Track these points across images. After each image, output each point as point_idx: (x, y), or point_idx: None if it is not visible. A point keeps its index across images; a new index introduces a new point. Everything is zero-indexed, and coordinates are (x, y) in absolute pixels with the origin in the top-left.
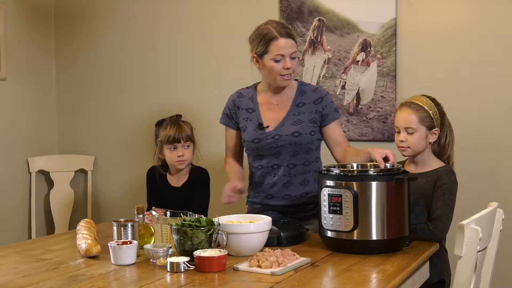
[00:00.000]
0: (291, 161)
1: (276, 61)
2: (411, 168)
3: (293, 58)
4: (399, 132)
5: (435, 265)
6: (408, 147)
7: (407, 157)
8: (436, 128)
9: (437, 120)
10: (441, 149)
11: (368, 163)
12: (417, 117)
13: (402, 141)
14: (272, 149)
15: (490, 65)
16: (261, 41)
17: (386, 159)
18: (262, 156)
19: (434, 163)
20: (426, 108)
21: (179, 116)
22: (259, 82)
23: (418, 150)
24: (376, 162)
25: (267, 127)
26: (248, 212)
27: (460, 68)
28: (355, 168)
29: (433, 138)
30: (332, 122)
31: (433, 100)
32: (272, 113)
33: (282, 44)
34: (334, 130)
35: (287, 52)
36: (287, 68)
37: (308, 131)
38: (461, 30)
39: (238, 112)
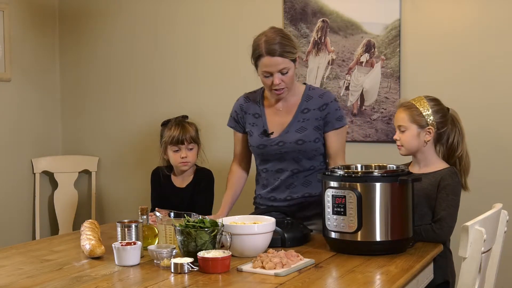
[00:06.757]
0: (295, 166)
1: (265, 76)
2: (415, 169)
3: (284, 74)
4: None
5: (440, 267)
6: (402, 145)
7: (404, 156)
8: (429, 127)
9: (430, 119)
10: (449, 150)
11: (373, 164)
12: (407, 115)
13: (396, 140)
14: (276, 155)
15: (494, 66)
16: (253, 54)
17: None
18: (267, 160)
19: (438, 164)
20: (417, 106)
21: (184, 117)
22: None
23: (411, 148)
24: None
25: (272, 133)
26: (254, 212)
27: (464, 69)
28: (359, 169)
29: (427, 137)
30: (330, 131)
31: (434, 99)
32: (278, 118)
33: (267, 63)
34: (330, 140)
35: (274, 70)
36: (275, 84)
37: (312, 139)
38: (466, 31)
39: (245, 116)
